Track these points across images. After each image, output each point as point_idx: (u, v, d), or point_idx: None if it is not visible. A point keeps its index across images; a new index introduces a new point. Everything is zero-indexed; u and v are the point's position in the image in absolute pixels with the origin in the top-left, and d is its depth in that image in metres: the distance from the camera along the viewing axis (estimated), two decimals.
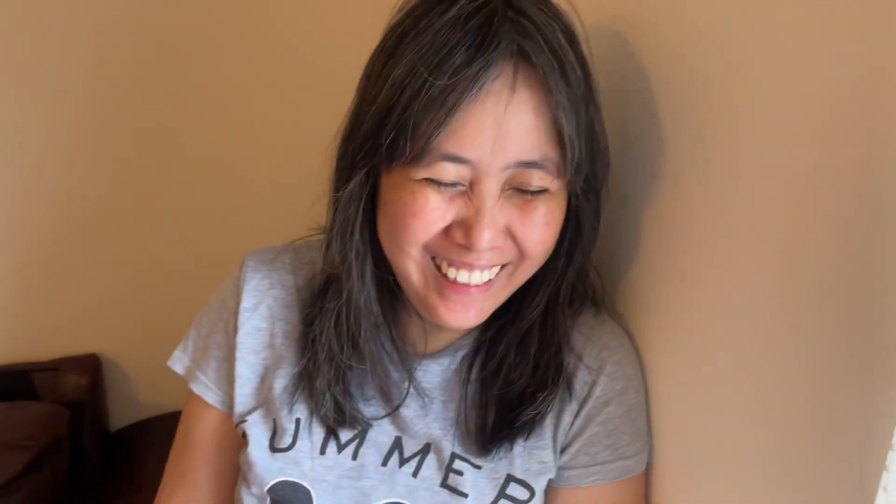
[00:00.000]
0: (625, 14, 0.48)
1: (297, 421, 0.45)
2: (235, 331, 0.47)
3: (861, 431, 0.23)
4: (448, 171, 0.35)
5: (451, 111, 0.33)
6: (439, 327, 0.44)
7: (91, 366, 0.97)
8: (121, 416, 1.03)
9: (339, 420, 0.44)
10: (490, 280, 0.40)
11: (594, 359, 0.45)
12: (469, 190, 0.36)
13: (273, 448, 0.45)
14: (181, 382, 0.86)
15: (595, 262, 0.47)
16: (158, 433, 0.99)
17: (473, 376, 0.45)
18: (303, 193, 0.46)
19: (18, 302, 0.98)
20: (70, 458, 0.89)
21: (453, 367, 0.46)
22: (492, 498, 0.43)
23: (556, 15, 0.37)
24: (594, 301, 0.49)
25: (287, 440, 0.44)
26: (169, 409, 1.03)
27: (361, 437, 0.45)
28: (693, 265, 0.40)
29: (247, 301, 0.47)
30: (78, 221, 0.97)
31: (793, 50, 0.29)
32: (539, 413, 0.42)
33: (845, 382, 0.24)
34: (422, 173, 0.35)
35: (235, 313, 0.48)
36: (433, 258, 0.39)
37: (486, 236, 0.36)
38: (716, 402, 0.37)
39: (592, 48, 0.39)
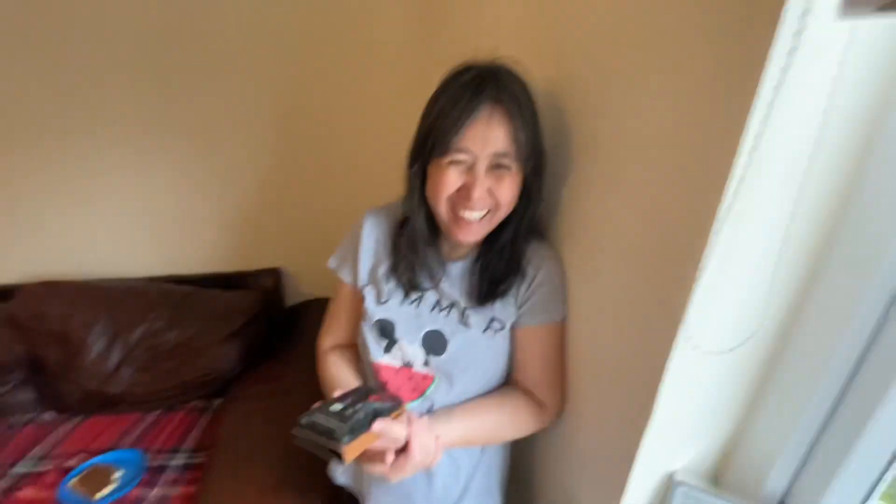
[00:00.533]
0: (554, 79, 0.75)
1: (389, 290, 0.75)
2: (360, 247, 0.78)
3: (666, 295, 0.50)
4: (459, 157, 0.63)
5: (459, 129, 0.61)
6: (457, 245, 0.74)
7: (275, 273, 1.73)
8: (291, 299, 1.81)
9: (409, 287, 0.74)
10: (480, 219, 0.67)
11: (536, 262, 0.73)
12: (469, 169, 0.64)
13: (377, 302, 0.76)
14: (323, 281, 1.62)
15: (539, 214, 0.75)
16: (312, 308, 1.75)
17: (475, 270, 0.74)
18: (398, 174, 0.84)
19: (243, 233, 1.72)
20: (266, 321, 1.63)
21: (466, 266, 0.75)
22: (483, 327, 0.72)
23: (517, 80, 0.65)
24: (539, 233, 0.78)
25: (384, 297, 0.75)
26: (315, 296, 1.81)
27: (420, 298, 0.75)
28: (592, 217, 0.67)
29: (366, 233, 0.78)
30: (271, 183, 1.66)
31: (641, 104, 0.54)
32: (508, 287, 0.72)
33: (661, 276, 0.52)
34: (446, 160, 0.64)
35: (360, 239, 0.78)
36: (453, 207, 0.68)
37: (478, 192, 0.63)
38: (596, 285, 0.67)
39: (539, 96, 0.67)
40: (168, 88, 1.45)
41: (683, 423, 0.58)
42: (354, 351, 0.84)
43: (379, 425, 0.56)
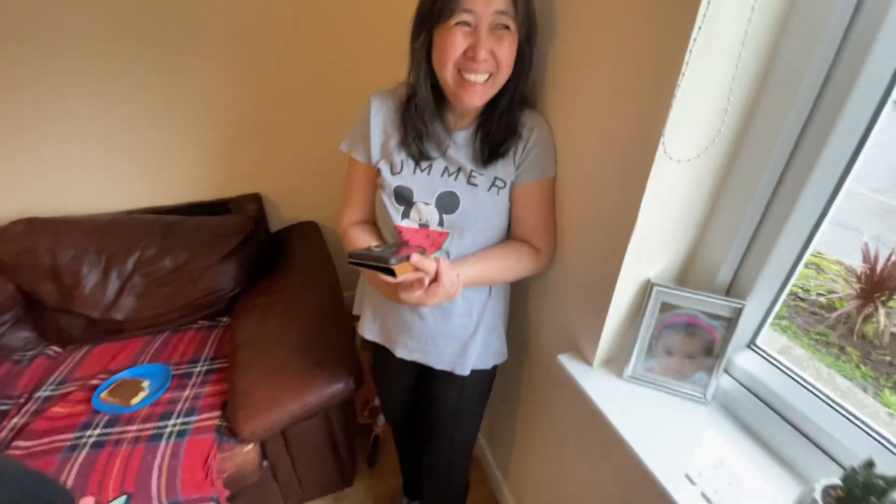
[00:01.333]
0: None
1: (402, 161, 0.84)
2: (369, 127, 0.85)
3: (649, 117, 0.79)
4: (465, 17, 0.70)
5: None
6: (462, 114, 0.83)
7: (257, 199, 1.75)
8: (274, 224, 1.85)
9: (419, 157, 0.83)
10: (484, 82, 0.75)
11: (529, 126, 0.83)
12: (474, 29, 0.71)
13: (392, 173, 0.85)
14: (302, 206, 1.71)
15: (530, 85, 0.85)
16: (295, 231, 1.81)
17: (478, 137, 0.83)
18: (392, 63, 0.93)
19: (220, 162, 1.72)
20: (257, 242, 1.68)
21: (469, 134, 0.84)
22: (488, 186, 0.83)
23: None
24: (530, 104, 0.89)
25: (397, 169, 0.84)
26: (298, 220, 1.86)
27: (430, 166, 0.84)
28: (575, 79, 0.78)
29: (373, 113, 0.86)
30: (251, 117, 1.65)
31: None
32: (507, 149, 0.82)
33: (643, 104, 0.79)
34: (453, 21, 0.70)
35: (368, 119, 0.86)
36: (459, 71, 0.75)
37: (483, 52, 0.71)
38: (573, 144, 0.80)
39: None
40: (141, 18, 1.38)
41: (657, 234, 0.73)
42: (373, 225, 0.93)
43: (416, 257, 0.68)
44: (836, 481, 0.56)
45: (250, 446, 1.15)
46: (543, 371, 1.07)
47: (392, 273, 0.65)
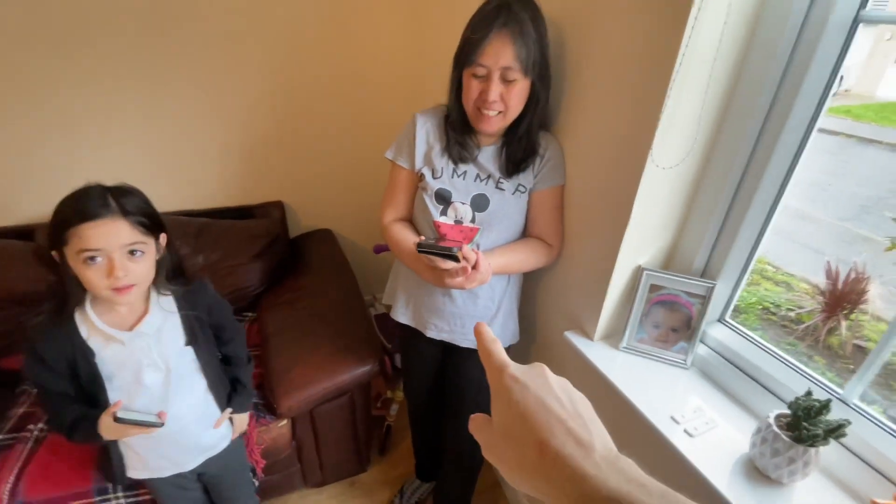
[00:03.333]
0: (557, 14, 0.95)
1: (442, 168, 1.01)
2: (415, 138, 1.03)
3: (640, 134, 0.99)
4: (480, 70, 0.89)
5: (479, 48, 0.86)
6: (483, 135, 1.00)
7: (280, 206, 1.90)
8: (293, 231, 1.99)
9: (458, 159, 1.00)
10: (495, 115, 0.92)
11: (545, 145, 1.01)
12: (487, 78, 0.89)
13: (433, 177, 1.02)
14: (320, 214, 1.95)
15: (547, 111, 1.03)
16: (313, 238, 1.96)
17: (503, 153, 1.01)
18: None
19: (247, 170, 1.87)
20: (283, 244, 1.82)
21: (495, 149, 1.02)
22: (513, 190, 1.01)
23: (528, 8, 0.87)
24: (546, 127, 1.07)
25: (438, 174, 1.01)
26: (315, 228, 2.01)
27: (465, 172, 1.01)
28: (580, 120, 0.98)
29: (419, 127, 1.03)
30: (272, 121, 1.81)
31: (612, 30, 0.96)
32: (527, 164, 1.01)
33: (636, 124, 1.00)
34: (471, 71, 0.90)
35: (413, 132, 1.03)
36: (477, 106, 0.93)
37: (492, 95, 0.89)
38: (580, 158, 1.01)
39: (549, 21, 0.92)
40: (170, 30, 1.53)
41: (647, 228, 0.92)
42: (409, 222, 1.10)
43: (466, 248, 0.86)
44: (785, 410, 0.74)
45: (284, 422, 1.27)
46: (550, 348, 1.23)
47: (456, 259, 0.82)
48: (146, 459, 0.97)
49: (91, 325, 0.84)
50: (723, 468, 0.76)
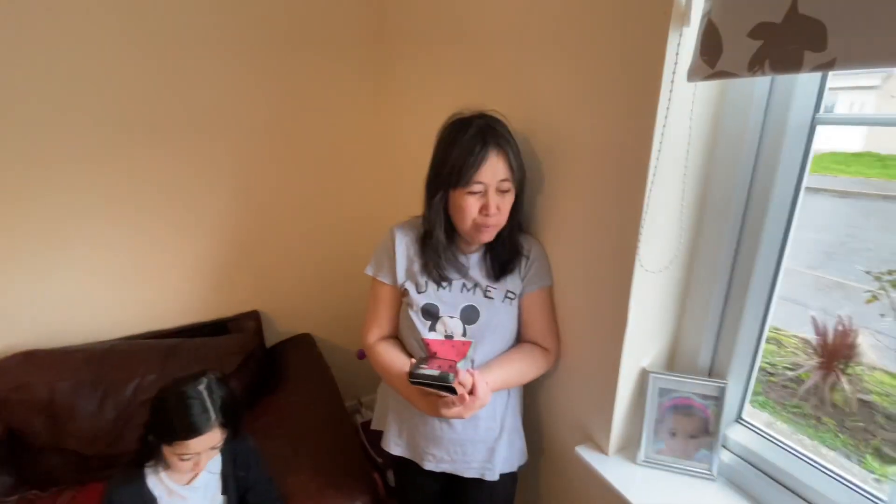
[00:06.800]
0: (523, 125, 0.98)
1: (426, 282, 0.98)
2: (394, 254, 1.00)
3: (624, 238, 0.96)
4: (476, 188, 0.89)
5: (476, 168, 0.86)
6: (472, 244, 0.98)
7: (255, 316, 1.80)
8: (270, 339, 1.88)
9: (440, 279, 0.97)
10: (494, 225, 0.92)
11: (527, 247, 1.01)
12: (484, 194, 0.89)
13: (418, 291, 0.98)
14: (296, 320, 1.89)
15: (525, 217, 1.06)
16: (291, 345, 1.85)
17: (488, 258, 1.00)
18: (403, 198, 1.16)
19: (218, 283, 1.79)
20: (257, 361, 1.70)
21: (479, 256, 1.00)
22: (502, 298, 0.98)
23: (504, 126, 0.91)
24: (526, 230, 1.07)
25: (422, 288, 0.98)
26: (293, 333, 1.91)
27: (450, 284, 0.98)
28: (560, 209, 0.98)
29: (397, 241, 1.01)
30: (242, 229, 1.77)
31: (583, 135, 0.98)
32: (514, 266, 0.99)
33: (619, 227, 0.96)
34: (467, 190, 0.89)
35: (392, 247, 1.01)
36: (474, 221, 0.91)
37: (493, 208, 0.89)
38: (566, 262, 0.99)
39: (517, 136, 0.95)
40: (134, 147, 1.50)
41: (644, 330, 0.89)
42: (395, 339, 1.03)
43: (462, 374, 0.79)
44: None
45: None
46: (561, 464, 1.13)
47: (453, 390, 0.75)
48: None
49: (159, 479, 0.98)
50: None
